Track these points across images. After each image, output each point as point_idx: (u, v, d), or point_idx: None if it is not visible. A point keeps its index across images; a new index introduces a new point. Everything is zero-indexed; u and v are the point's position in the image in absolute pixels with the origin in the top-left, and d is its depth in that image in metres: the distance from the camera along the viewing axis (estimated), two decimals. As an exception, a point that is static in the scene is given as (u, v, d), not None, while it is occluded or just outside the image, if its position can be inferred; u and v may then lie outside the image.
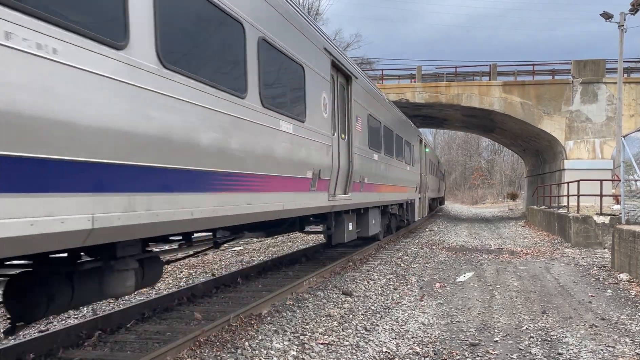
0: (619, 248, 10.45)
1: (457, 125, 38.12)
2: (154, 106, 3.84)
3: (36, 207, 2.89)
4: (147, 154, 3.78)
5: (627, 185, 12.98)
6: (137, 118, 3.66)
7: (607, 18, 23.64)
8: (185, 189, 4.27)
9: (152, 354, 4.71)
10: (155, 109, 3.85)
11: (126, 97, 3.53)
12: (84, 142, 3.19)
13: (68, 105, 3.07)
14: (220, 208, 4.85)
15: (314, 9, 40.60)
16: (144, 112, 3.74)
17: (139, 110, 3.68)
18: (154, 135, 3.85)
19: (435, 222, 26.69)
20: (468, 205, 59.01)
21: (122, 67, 3.50)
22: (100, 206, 3.35)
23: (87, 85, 3.20)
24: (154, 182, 3.88)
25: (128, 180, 3.60)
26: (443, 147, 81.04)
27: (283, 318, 6.48)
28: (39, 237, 2.93)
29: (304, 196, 7.14)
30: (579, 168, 23.72)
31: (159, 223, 3.93)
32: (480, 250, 14.54)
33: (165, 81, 3.98)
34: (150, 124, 3.80)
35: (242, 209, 5.30)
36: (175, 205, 4.13)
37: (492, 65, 27.86)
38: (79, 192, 3.19)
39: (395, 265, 11.06)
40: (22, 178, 2.80)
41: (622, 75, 23.86)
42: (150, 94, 3.80)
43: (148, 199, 3.81)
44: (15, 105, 2.74)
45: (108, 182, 3.42)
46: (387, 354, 5.28)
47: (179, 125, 4.16)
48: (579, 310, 7.30)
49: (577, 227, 15.43)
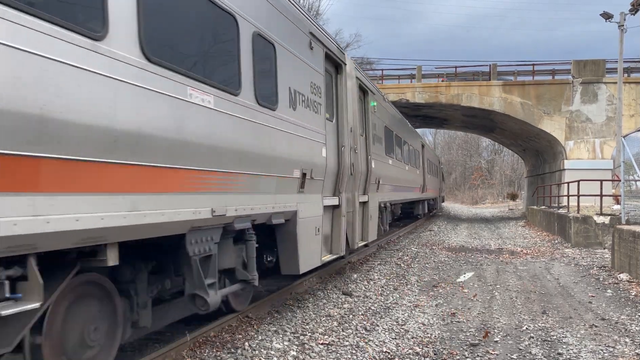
0: (619, 248, 10.44)
1: (457, 125, 38.15)
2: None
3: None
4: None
5: (627, 185, 12.99)
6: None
7: (607, 18, 23.64)
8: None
9: (152, 354, 4.70)
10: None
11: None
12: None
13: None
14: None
15: (314, 9, 40.60)
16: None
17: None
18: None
19: (435, 222, 26.69)
20: (468, 205, 59.00)
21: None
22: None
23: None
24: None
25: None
26: (443, 147, 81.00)
27: (283, 318, 6.48)
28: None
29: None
30: (579, 168, 23.70)
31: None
32: (480, 250, 14.54)
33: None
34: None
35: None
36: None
37: (492, 65, 27.87)
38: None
39: (395, 266, 11.06)
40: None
41: (622, 75, 23.87)
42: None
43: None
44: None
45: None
46: (387, 354, 5.28)
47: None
48: (579, 311, 7.30)
49: (577, 227, 15.43)
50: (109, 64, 3.36)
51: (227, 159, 4.67)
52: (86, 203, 3.21)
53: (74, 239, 3.17)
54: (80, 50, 3.13)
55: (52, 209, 2.97)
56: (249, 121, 5.09)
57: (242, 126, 4.95)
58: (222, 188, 4.68)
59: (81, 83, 3.14)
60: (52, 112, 2.94)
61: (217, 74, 4.63)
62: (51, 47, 2.94)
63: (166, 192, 3.90)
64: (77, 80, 3.11)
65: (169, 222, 3.94)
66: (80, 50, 3.13)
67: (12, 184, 2.75)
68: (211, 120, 4.44)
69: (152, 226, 3.77)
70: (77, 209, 3.14)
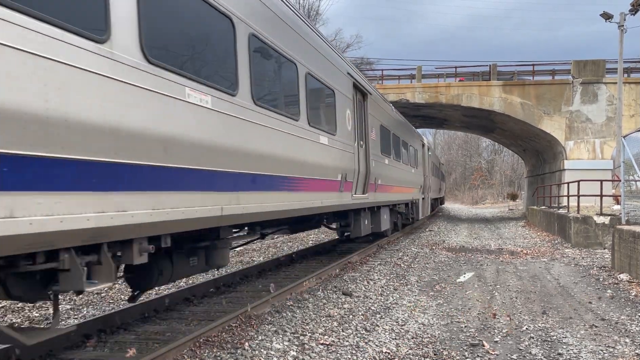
0: (619, 248, 10.44)
1: (457, 125, 38.12)
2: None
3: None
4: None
5: (627, 186, 12.99)
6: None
7: (607, 18, 23.62)
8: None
9: (152, 354, 4.71)
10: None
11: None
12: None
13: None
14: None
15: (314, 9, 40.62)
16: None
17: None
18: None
19: (436, 222, 26.69)
20: (468, 205, 59.00)
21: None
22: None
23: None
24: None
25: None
26: (443, 147, 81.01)
27: (283, 318, 6.48)
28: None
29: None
30: (579, 168, 23.70)
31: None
32: (480, 250, 14.54)
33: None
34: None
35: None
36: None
37: (492, 65, 27.86)
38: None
39: (395, 266, 11.06)
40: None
41: (622, 76, 23.86)
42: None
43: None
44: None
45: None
46: (387, 354, 5.28)
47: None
48: (579, 311, 7.30)
49: (577, 228, 15.43)
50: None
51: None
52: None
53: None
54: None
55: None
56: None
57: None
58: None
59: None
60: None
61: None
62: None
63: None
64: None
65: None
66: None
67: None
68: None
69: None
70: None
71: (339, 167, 8.85)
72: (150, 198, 3.91)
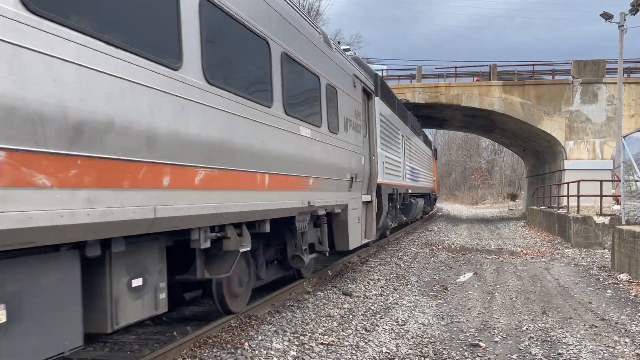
0: (619, 248, 10.45)
1: (457, 125, 38.15)
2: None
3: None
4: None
5: (627, 186, 13.00)
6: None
7: (607, 18, 23.62)
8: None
9: (152, 354, 4.71)
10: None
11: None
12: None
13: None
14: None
15: (314, 9, 40.59)
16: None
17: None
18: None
19: (435, 222, 26.70)
20: (468, 205, 59.00)
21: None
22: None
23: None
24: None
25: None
26: (443, 147, 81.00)
27: (283, 318, 6.48)
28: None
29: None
30: (579, 168, 23.70)
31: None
32: (480, 250, 14.54)
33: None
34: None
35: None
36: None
37: (492, 65, 27.87)
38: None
39: (395, 266, 11.06)
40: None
41: (622, 76, 23.86)
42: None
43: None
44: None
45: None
46: (387, 355, 5.28)
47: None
48: (578, 311, 7.30)
49: (577, 228, 15.43)
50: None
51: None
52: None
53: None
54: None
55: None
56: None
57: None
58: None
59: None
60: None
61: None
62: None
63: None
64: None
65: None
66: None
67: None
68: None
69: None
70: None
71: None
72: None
